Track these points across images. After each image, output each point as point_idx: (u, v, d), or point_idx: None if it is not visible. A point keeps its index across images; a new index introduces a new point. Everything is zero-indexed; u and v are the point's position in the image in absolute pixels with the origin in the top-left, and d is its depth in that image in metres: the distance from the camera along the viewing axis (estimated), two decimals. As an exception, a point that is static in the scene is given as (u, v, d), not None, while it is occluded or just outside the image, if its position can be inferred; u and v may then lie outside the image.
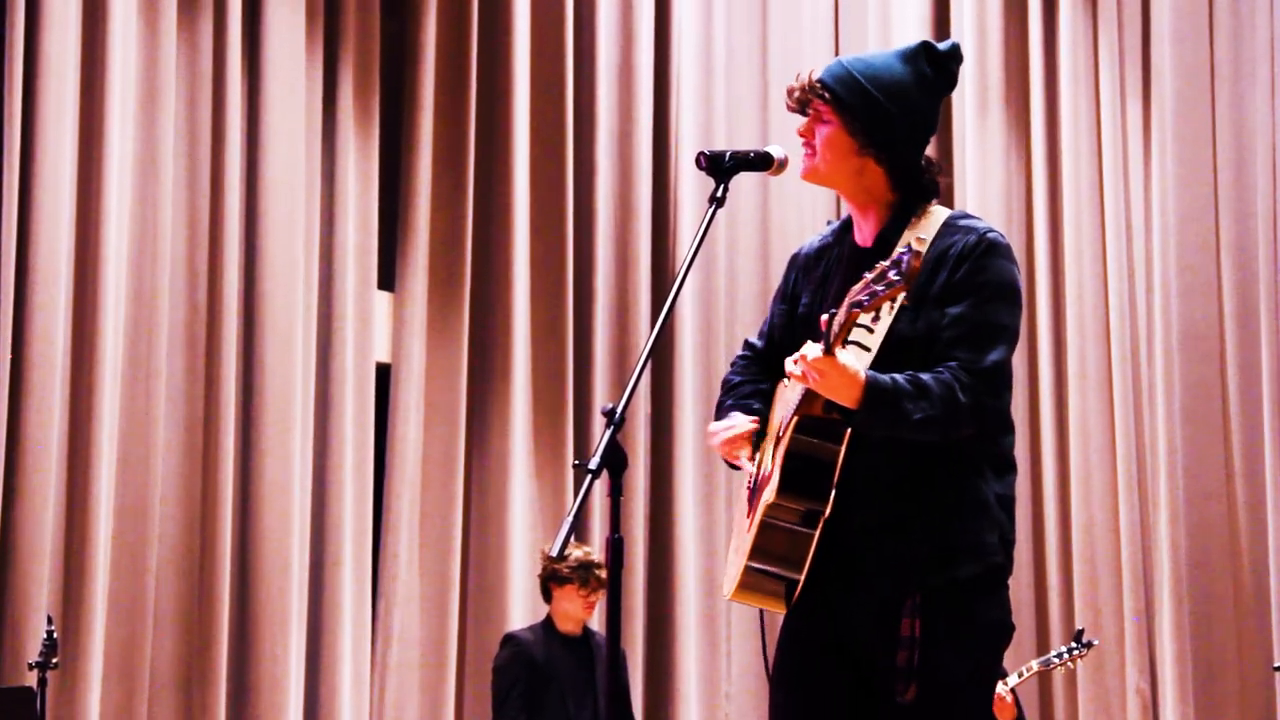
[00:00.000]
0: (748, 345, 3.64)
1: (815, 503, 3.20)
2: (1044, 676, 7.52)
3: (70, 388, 6.44)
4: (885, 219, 3.35)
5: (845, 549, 3.26)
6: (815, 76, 3.36)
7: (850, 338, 3.11)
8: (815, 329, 3.27)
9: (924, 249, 2.95)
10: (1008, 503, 3.34)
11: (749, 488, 3.45)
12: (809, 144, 3.36)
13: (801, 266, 3.52)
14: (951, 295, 3.24)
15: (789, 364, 3.19)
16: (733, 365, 3.63)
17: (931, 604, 3.24)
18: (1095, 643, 6.89)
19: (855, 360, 3.13)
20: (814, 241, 3.54)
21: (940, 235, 3.31)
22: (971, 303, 3.22)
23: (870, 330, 3.13)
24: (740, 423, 3.40)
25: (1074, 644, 6.69)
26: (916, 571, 3.25)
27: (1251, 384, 8.49)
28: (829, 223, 3.59)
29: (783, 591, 3.28)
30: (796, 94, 3.38)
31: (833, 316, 3.10)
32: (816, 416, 3.21)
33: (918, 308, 3.23)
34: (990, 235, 3.30)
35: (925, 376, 3.18)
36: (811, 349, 3.11)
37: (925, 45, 3.40)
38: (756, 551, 3.26)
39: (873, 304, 2.98)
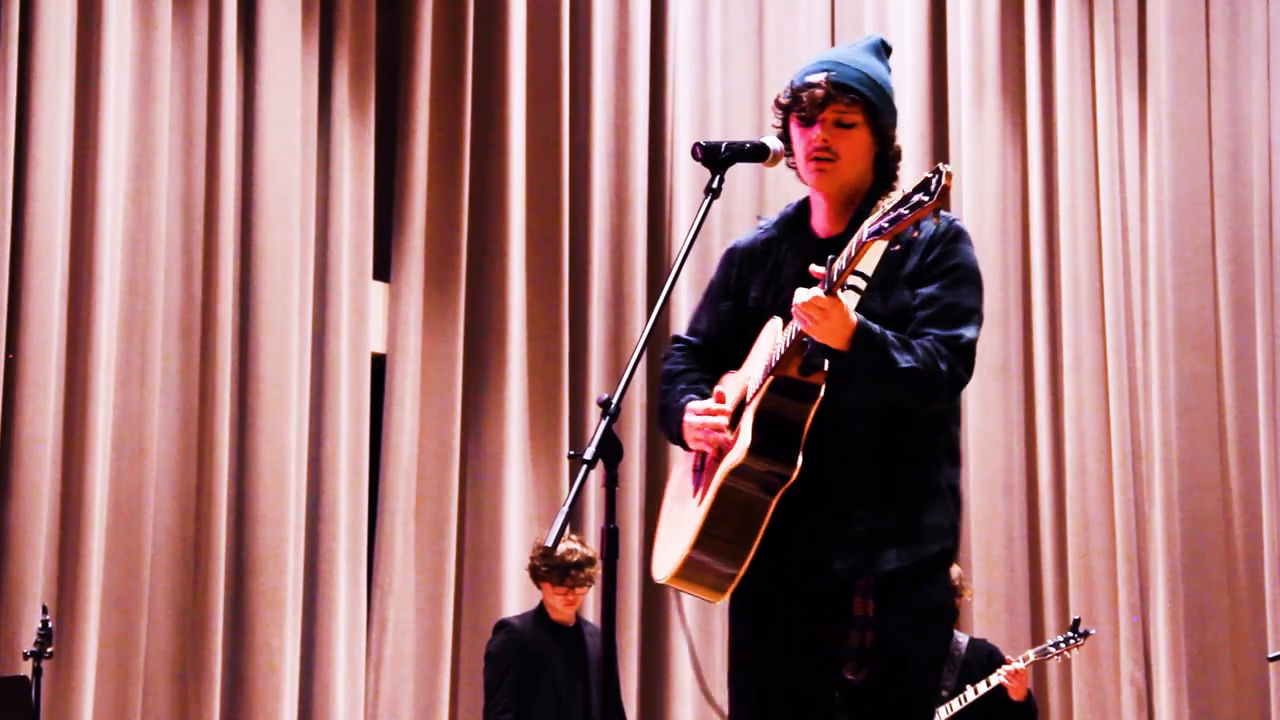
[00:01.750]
0: (679, 340, 3.64)
1: (783, 466, 3.23)
2: (1038, 666, 7.53)
3: (65, 378, 6.45)
4: (856, 208, 3.39)
5: (813, 517, 3.29)
6: (833, 80, 3.35)
7: (849, 285, 3.14)
8: (765, 320, 3.36)
9: (951, 170, 2.98)
10: (958, 491, 3.42)
11: (694, 468, 3.46)
12: (826, 151, 3.35)
13: (743, 261, 3.52)
14: (923, 277, 3.30)
15: (798, 298, 3.18)
16: (668, 358, 3.63)
17: (885, 585, 3.28)
18: (1092, 632, 6.90)
19: (849, 303, 3.18)
20: (756, 235, 3.55)
21: None
22: (943, 284, 3.28)
23: (865, 277, 3.16)
24: (722, 412, 3.40)
25: (1070, 633, 6.70)
26: (880, 547, 3.29)
27: (1246, 376, 8.50)
28: (759, 218, 3.60)
29: (724, 579, 3.30)
30: (819, 97, 3.36)
31: (833, 260, 3.12)
32: (791, 378, 3.24)
33: (888, 288, 3.28)
34: (957, 223, 3.38)
35: (909, 339, 3.24)
36: (812, 290, 3.13)
37: (880, 40, 3.48)
38: (710, 521, 3.27)
39: (895, 229, 3.00)
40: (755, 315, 3.45)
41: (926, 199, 2.96)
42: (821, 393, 3.22)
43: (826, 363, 3.21)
